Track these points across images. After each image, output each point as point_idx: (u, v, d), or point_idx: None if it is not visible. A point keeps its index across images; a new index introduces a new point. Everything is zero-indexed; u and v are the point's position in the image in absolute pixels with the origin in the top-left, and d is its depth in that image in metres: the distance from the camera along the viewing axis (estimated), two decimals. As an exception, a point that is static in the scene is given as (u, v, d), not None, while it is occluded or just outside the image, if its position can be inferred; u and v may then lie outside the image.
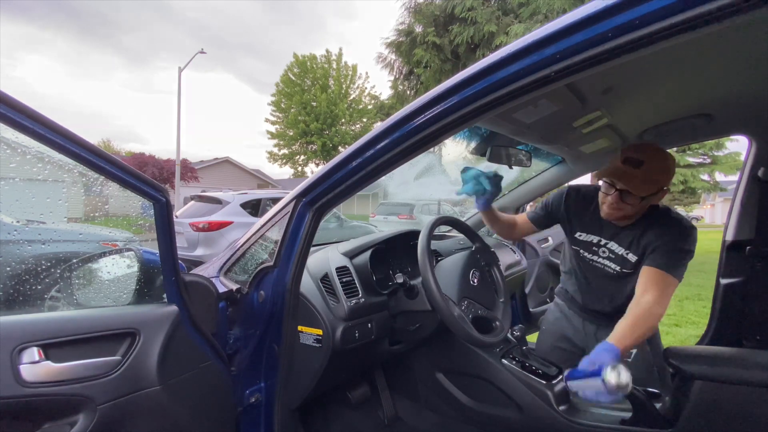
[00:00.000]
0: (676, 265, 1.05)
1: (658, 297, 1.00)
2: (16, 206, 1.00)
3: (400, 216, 10.92)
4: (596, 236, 1.20)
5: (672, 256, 1.05)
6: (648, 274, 1.05)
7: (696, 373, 0.97)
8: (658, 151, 1.05)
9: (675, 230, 1.08)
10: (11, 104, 0.53)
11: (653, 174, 1.03)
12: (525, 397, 1.18)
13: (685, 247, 1.07)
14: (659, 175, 1.05)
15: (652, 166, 1.03)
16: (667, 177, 1.07)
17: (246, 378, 0.93)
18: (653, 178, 1.03)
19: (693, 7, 0.45)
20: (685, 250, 1.07)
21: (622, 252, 1.16)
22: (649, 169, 1.03)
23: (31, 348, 0.63)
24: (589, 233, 1.22)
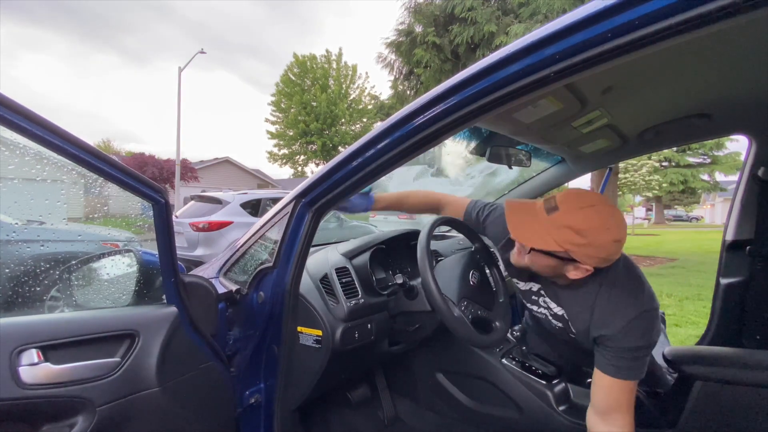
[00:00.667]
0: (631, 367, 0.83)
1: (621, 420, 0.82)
2: (15, 207, 1.00)
3: (400, 216, 10.91)
4: (535, 284, 1.01)
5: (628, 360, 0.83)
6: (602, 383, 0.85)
7: (696, 374, 0.97)
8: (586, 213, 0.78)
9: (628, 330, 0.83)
10: (9, 106, 0.53)
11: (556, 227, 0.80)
12: (525, 397, 1.18)
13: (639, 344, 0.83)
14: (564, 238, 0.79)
15: (565, 217, 0.79)
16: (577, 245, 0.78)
17: (245, 379, 0.93)
18: (554, 231, 0.80)
19: (693, 7, 0.45)
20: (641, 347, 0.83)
21: (561, 312, 0.96)
22: (555, 220, 0.80)
23: (30, 350, 0.63)
24: (528, 281, 1.02)
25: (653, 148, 1.55)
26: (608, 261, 0.82)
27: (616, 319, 0.84)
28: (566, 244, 0.79)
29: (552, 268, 0.86)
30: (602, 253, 0.79)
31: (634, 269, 0.91)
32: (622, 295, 0.86)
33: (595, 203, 0.80)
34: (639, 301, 0.85)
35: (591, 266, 0.81)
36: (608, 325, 0.85)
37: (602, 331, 0.86)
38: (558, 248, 0.81)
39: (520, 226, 0.85)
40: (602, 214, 0.79)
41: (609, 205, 0.81)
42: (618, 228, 0.79)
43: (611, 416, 0.83)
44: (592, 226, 0.78)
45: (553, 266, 0.85)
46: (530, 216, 0.85)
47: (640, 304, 0.85)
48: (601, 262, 0.81)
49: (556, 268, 0.85)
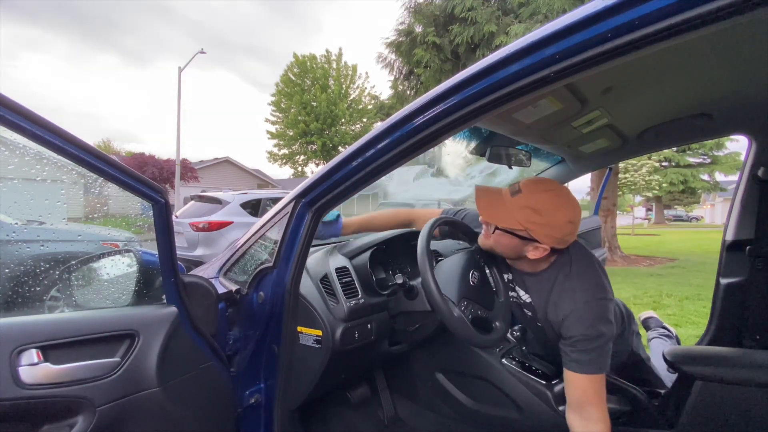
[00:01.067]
0: (592, 359, 0.87)
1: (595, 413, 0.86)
2: (15, 207, 1.00)
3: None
4: (508, 274, 1.08)
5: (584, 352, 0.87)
6: (571, 380, 0.90)
7: (696, 374, 0.97)
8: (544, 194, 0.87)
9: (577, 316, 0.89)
10: (9, 106, 0.53)
11: (518, 209, 0.88)
12: (525, 397, 1.18)
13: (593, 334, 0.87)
14: (525, 217, 0.87)
15: (526, 199, 0.88)
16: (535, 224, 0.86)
17: (246, 379, 0.93)
18: (516, 213, 0.88)
19: (693, 7, 0.45)
20: (597, 337, 0.87)
21: (529, 300, 1.02)
22: (517, 201, 0.89)
23: (29, 350, 0.63)
24: (501, 272, 1.09)
25: (653, 148, 1.55)
26: (564, 242, 0.90)
27: (566, 303, 0.91)
28: (526, 223, 0.88)
29: (513, 248, 0.93)
30: (558, 232, 0.88)
31: (590, 261, 0.97)
32: (574, 283, 0.92)
33: (553, 188, 0.89)
34: (589, 289, 0.91)
35: (548, 245, 0.89)
36: (560, 310, 0.92)
37: (556, 316, 0.93)
38: (519, 227, 0.89)
39: (487, 207, 0.93)
40: (559, 197, 0.88)
41: (565, 190, 0.91)
42: (572, 210, 0.88)
43: (585, 410, 0.87)
44: (550, 207, 0.87)
45: (515, 246, 0.92)
46: (496, 198, 0.93)
47: (589, 293, 0.91)
48: (557, 242, 0.89)
49: (517, 248, 0.92)
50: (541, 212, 0.87)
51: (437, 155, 1.98)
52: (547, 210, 0.87)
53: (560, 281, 0.94)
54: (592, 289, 0.91)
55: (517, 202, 0.89)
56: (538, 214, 0.87)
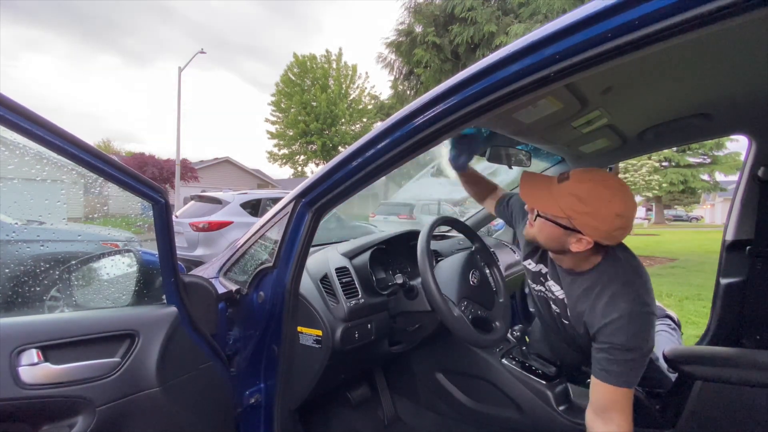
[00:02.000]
0: (621, 371, 0.83)
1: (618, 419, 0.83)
2: (15, 207, 1.00)
3: (400, 216, 10.92)
4: (544, 267, 1.05)
5: (614, 362, 0.83)
6: (597, 386, 0.86)
7: (696, 374, 0.97)
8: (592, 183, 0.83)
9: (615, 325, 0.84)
10: (9, 106, 0.53)
11: (563, 196, 0.85)
12: (525, 397, 1.18)
13: (628, 346, 0.83)
14: (569, 204, 0.83)
15: (571, 187, 0.84)
16: (579, 213, 0.82)
17: (245, 379, 0.93)
18: (560, 200, 0.85)
19: (693, 7, 0.45)
20: (630, 350, 0.83)
21: (562, 297, 0.99)
22: (563, 188, 0.85)
23: (30, 350, 0.63)
24: (538, 263, 1.07)
25: (653, 148, 1.55)
26: (610, 237, 0.84)
27: (609, 310, 0.86)
28: (569, 210, 0.83)
29: (556, 239, 0.88)
30: (603, 224, 0.82)
31: (641, 272, 0.91)
32: (620, 290, 0.87)
33: (604, 178, 0.83)
34: (636, 300, 0.85)
35: (591, 238, 0.83)
36: (601, 316, 0.87)
37: (594, 321, 0.88)
38: (561, 214, 0.84)
39: (530, 192, 0.91)
40: (608, 188, 0.82)
41: (620, 183, 0.84)
42: (622, 203, 0.81)
43: (608, 414, 0.84)
44: (595, 196, 0.81)
45: (558, 236, 0.87)
46: (542, 184, 0.90)
47: (636, 303, 0.85)
48: (602, 235, 0.83)
49: (560, 239, 0.87)
50: (585, 201, 0.82)
51: (437, 155, 1.98)
52: (591, 199, 0.82)
53: (605, 285, 0.89)
54: (639, 300, 0.85)
55: (563, 189, 0.85)
56: (583, 202, 0.82)
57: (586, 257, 0.91)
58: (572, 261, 0.93)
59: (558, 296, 1.01)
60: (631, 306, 0.84)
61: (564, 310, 0.99)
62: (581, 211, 0.82)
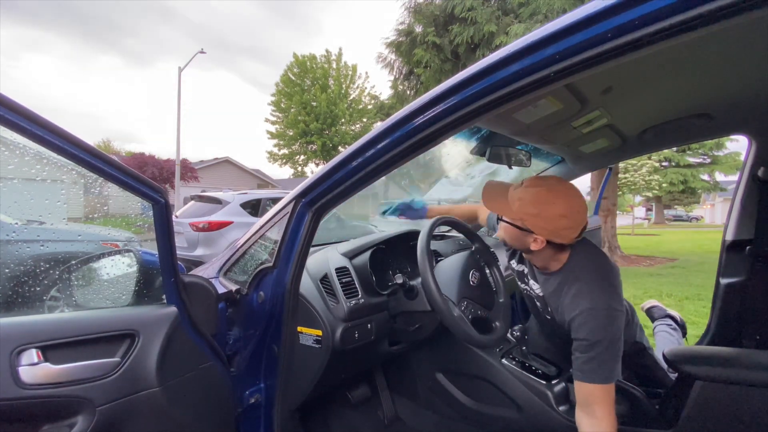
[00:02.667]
0: (595, 368, 0.87)
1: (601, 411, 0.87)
2: (15, 207, 1.00)
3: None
4: (525, 267, 1.14)
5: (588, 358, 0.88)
6: (577, 384, 0.91)
7: (696, 374, 0.97)
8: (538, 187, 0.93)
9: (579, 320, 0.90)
10: (9, 106, 0.53)
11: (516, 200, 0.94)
12: (525, 397, 1.18)
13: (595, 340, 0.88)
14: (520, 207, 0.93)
15: (523, 192, 0.94)
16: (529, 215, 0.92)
17: (246, 379, 0.93)
18: (514, 204, 0.95)
19: (693, 7, 0.45)
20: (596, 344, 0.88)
21: (541, 294, 1.07)
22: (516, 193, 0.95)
23: (29, 350, 0.63)
24: (519, 263, 1.17)
25: (653, 148, 1.55)
26: (559, 235, 0.93)
27: (572, 306, 0.94)
28: (520, 213, 0.94)
29: (518, 239, 0.98)
30: (549, 224, 0.92)
31: (606, 270, 0.97)
32: (582, 288, 0.94)
33: (550, 184, 0.94)
34: (596, 296, 0.92)
35: (543, 237, 0.93)
36: (566, 312, 0.95)
37: (564, 317, 0.96)
38: (515, 216, 0.95)
39: (490, 199, 1.01)
40: (552, 192, 0.92)
41: (566, 187, 0.94)
42: (565, 205, 0.91)
43: (591, 408, 0.89)
44: (540, 200, 0.92)
45: (518, 237, 0.97)
46: (501, 191, 1.01)
47: (596, 300, 0.91)
48: (552, 234, 0.93)
49: (520, 239, 0.97)
50: (533, 204, 0.92)
51: (437, 155, 1.98)
52: (538, 203, 0.92)
53: (571, 284, 0.96)
54: (599, 297, 0.91)
55: (515, 194, 0.96)
56: (531, 205, 0.93)
57: (552, 256, 0.99)
58: (540, 260, 1.02)
59: (539, 294, 1.09)
60: (591, 303, 0.91)
61: (545, 306, 1.07)
62: (529, 213, 0.93)
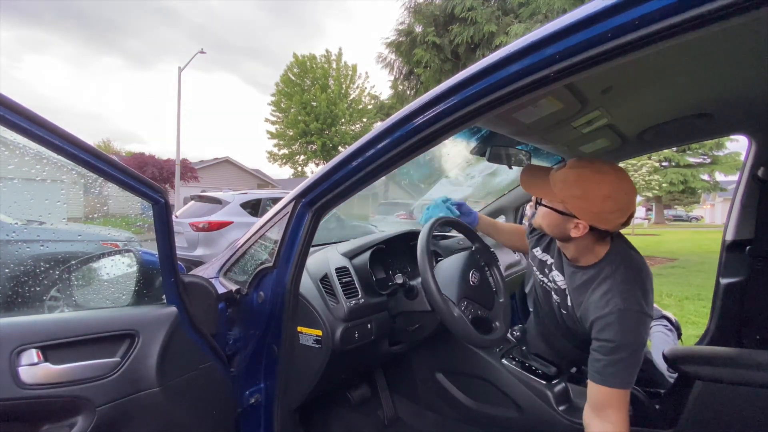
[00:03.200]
0: (614, 371, 0.83)
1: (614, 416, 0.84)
2: (15, 207, 1.00)
3: (400, 216, 10.92)
4: (549, 257, 1.11)
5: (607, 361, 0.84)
6: (592, 386, 0.87)
7: (696, 374, 0.97)
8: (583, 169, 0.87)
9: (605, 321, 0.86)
10: (9, 106, 0.53)
11: (559, 183, 0.89)
12: (525, 397, 1.18)
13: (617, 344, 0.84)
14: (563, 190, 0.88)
15: (565, 174, 0.88)
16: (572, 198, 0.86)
17: (246, 379, 0.93)
18: (557, 187, 0.89)
19: (693, 7, 0.45)
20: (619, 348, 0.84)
21: (564, 287, 1.03)
22: (558, 176, 0.90)
23: (29, 350, 0.63)
24: (544, 252, 1.13)
25: (653, 148, 1.56)
26: (603, 220, 0.86)
27: (601, 304, 0.88)
28: (562, 195, 0.88)
29: (557, 226, 0.92)
30: (593, 206, 0.85)
31: (642, 272, 0.92)
32: (616, 287, 0.88)
33: (598, 164, 0.87)
34: (630, 298, 0.86)
35: (586, 222, 0.86)
36: (594, 309, 0.89)
37: (589, 314, 0.91)
38: (557, 199, 0.89)
39: (529, 182, 0.96)
40: (598, 172, 0.86)
41: (614, 169, 0.86)
42: (612, 185, 0.84)
43: (604, 412, 0.85)
44: (584, 179, 0.86)
45: (558, 223, 0.91)
46: (541, 173, 0.95)
47: (629, 302, 0.86)
48: (596, 218, 0.86)
49: (560, 225, 0.91)
50: (576, 184, 0.86)
51: (437, 155, 1.99)
52: (581, 182, 0.86)
53: (603, 280, 0.91)
54: (633, 299, 0.86)
55: (557, 176, 0.90)
56: (575, 186, 0.86)
57: (590, 247, 0.93)
58: (576, 250, 0.95)
59: (560, 286, 1.04)
60: (623, 304, 0.85)
61: (564, 300, 1.03)
62: (573, 195, 0.86)
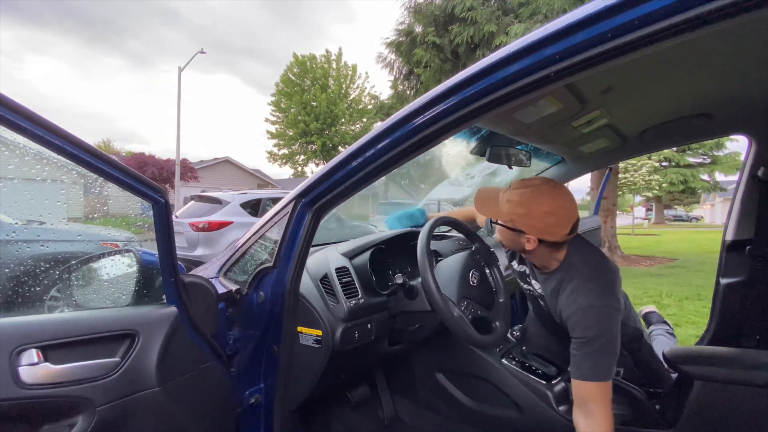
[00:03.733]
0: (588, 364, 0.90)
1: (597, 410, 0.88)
2: (15, 207, 1.00)
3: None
4: (526, 268, 1.17)
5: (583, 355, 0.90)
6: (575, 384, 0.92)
7: (696, 374, 0.97)
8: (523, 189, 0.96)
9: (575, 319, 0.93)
10: (10, 106, 0.53)
11: (504, 202, 0.98)
12: (525, 397, 1.18)
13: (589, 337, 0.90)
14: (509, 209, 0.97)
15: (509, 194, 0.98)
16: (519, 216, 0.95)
17: (245, 379, 0.93)
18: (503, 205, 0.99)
19: (693, 7, 0.45)
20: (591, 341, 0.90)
21: (542, 293, 1.10)
22: (504, 196, 0.99)
23: (29, 350, 0.63)
24: (520, 263, 1.19)
25: (653, 148, 1.56)
26: (549, 233, 0.95)
27: (569, 303, 0.95)
28: (510, 215, 0.97)
29: (513, 241, 1.01)
30: (539, 223, 0.94)
31: (603, 268, 0.99)
32: (579, 286, 0.96)
33: (537, 183, 0.96)
34: (592, 294, 0.93)
35: (535, 236, 0.96)
36: (564, 309, 0.97)
37: (562, 314, 0.97)
38: (506, 218, 0.99)
39: (481, 204, 1.06)
40: (537, 191, 0.94)
41: (552, 186, 0.95)
42: (551, 202, 0.93)
43: (587, 407, 0.90)
44: (526, 199, 0.95)
45: (512, 238, 1.00)
46: (491, 195, 1.04)
47: (592, 298, 0.93)
48: (542, 233, 0.95)
49: (515, 240, 1.00)
50: (520, 204, 0.95)
51: (437, 155, 1.99)
52: (524, 202, 0.95)
53: (568, 282, 0.98)
54: (593, 295, 0.92)
55: (504, 197, 0.99)
56: (519, 206, 0.96)
57: (549, 255, 1.00)
58: (538, 259, 1.04)
59: (540, 292, 1.12)
60: (585, 301, 0.92)
61: (546, 305, 1.10)
62: (518, 214, 0.96)
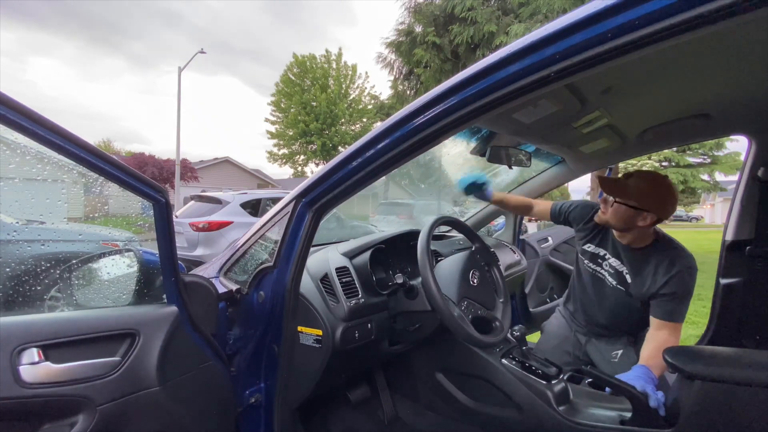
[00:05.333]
0: (681, 311, 1.16)
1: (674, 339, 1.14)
2: (16, 206, 1.00)
3: (400, 216, 10.93)
4: (603, 250, 1.33)
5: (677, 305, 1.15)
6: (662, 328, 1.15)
7: (696, 373, 0.97)
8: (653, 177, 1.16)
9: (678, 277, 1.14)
10: (12, 106, 0.53)
11: (633, 188, 1.15)
12: (525, 397, 1.18)
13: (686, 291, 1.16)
14: (638, 193, 1.14)
15: (637, 181, 1.15)
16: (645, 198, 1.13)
17: (246, 378, 0.93)
18: (631, 191, 1.15)
19: (693, 7, 0.45)
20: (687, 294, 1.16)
21: (622, 269, 1.27)
22: (630, 183, 1.16)
23: (30, 349, 0.63)
24: (597, 246, 1.35)
25: (653, 148, 1.56)
26: (665, 212, 1.15)
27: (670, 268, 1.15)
28: (639, 197, 1.13)
29: (628, 218, 1.16)
30: (662, 203, 1.13)
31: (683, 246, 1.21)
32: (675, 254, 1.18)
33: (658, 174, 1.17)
34: (690, 259, 1.18)
35: (654, 215, 1.13)
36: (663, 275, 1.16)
37: (658, 279, 1.16)
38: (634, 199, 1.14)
39: (611, 185, 1.20)
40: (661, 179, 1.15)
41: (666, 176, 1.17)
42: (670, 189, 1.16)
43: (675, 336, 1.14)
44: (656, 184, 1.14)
45: (629, 216, 1.15)
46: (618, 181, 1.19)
47: (691, 261, 1.18)
48: (660, 210, 1.13)
49: (632, 218, 1.15)
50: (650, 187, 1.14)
51: (437, 155, 1.99)
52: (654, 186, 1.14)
53: (663, 254, 1.18)
54: (689, 261, 1.17)
55: (630, 182, 1.16)
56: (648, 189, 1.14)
57: (644, 233, 1.19)
58: (633, 237, 1.21)
59: (618, 269, 1.27)
60: (688, 262, 1.16)
61: (622, 280, 1.25)
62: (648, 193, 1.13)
